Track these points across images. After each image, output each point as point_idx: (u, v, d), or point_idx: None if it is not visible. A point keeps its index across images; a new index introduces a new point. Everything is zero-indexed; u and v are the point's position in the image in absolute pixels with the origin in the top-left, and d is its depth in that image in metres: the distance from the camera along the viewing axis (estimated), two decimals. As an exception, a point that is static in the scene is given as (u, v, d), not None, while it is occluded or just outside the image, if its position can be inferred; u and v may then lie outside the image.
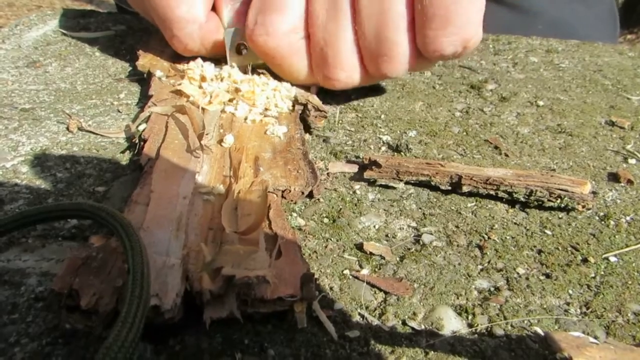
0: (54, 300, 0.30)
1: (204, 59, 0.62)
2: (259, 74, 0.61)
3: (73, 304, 0.29)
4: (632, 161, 0.53)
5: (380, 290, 0.35)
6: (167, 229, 0.36)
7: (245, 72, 0.61)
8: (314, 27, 0.53)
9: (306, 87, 0.60)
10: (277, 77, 0.61)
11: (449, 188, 0.46)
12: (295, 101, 0.57)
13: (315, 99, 0.57)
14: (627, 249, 0.41)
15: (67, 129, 0.52)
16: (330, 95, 0.61)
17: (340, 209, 0.43)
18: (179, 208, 0.39)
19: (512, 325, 0.33)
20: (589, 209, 0.45)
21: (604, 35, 1.00)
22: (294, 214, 0.42)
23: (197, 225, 0.37)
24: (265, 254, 0.34)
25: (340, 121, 0.57)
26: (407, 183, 0.47)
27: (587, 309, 0.35)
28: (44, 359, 0.29)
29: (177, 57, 0.63)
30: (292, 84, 0.60)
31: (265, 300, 0.31)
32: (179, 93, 0.57)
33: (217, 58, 0.63)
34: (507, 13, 0.95)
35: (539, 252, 0.40)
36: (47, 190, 0.43)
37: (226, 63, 0.61)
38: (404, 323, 0.33)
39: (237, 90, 0.56)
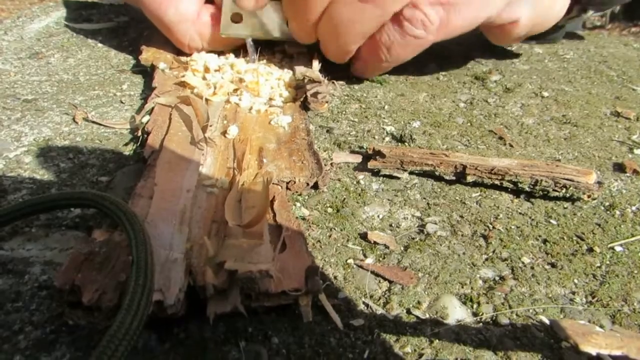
0: (57, 292, 0.30)
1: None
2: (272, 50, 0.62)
3: (75, 300, 0.29)
4: (637, 151, 0.53)
5: (385, 279, 0.35)
6: (171, 222, 0.36)
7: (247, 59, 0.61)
8: None
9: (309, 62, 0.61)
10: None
11: (454, 178, 0.46)
12: (297, 86, 0.57)
13: (313, 73, 0.57)
14: (632, 239, 0.41)
15: (74, 119, 0.52)
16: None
17: (344, 198, 0.43)
18: (183, 201, 0.38)
19: (517, 314, 0.33)
20: (594, 199, 0.44)
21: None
22: (298, 204, 0.42)
23: (200, 218, 0.37)
24: (269, 247, 0.34)
25: (344, 112, 0.57)
26: (411, 173, 0.46)
27: (593, 298, 0.35)
28: (48, 347, 0.29)
29: (180, 49, 0.63)
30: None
31: (269, 294, 0.31)
32: (182, 85, 0.56)
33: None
34: None
35: (544, 241, 0.40)
36: (51, 180, 0.43)
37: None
38: (408, 312, 0.33)
39: (241, 80, 0.56)
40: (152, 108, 0.51)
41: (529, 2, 0.57)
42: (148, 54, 0.63)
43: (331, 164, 0.48)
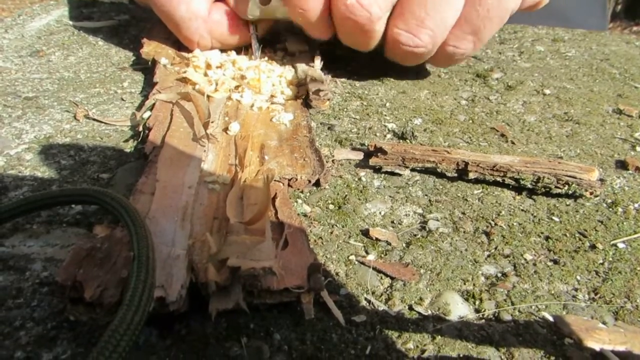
0: (58, 288, 0.30)
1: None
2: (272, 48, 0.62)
3: (77, 296, 0.29)
4: (640, 149, 0.53)
5: (387, 275, 0.35)
6: (173, 218, 0.36)
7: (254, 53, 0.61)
8: None
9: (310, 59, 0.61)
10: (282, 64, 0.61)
11: (455, 175, 0.45)
12: (299, 84, 0.57)
13: (315, 71, 0.57)
14: (635, 236, 0.40)
15: (74, 117, 0.52)
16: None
17: (346, 195, 0.43)
18: (185, 197, 0.38)
19: (519, 311, 0.33)
20: (596, 196, 0.44)
21: (593, 22, 1.00)
22: (299, 201, 0.42)
23: (202, 215, 0.37)
24: (271, 244, 0.33)
25: (345, 109, 0.57)
26: (412, 170, 0.46)
27: (596, 294, 0.35)
28: (49, 343, 0.29)
29: (182, 45, 0.63)
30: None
31: (271, 291, 0.31)
32: (184, 80, 0.56)
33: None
34: None
35: (547, 238, 0.40)
36: (52, 177, 0.43)
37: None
38: (410, 308, 0.33)
39: (242, 77, 0.56)
40: (153, 104, 0.51)
41: None
42: (149, 48, 0.63)
43: (333, 161, 0.48)
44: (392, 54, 0.59)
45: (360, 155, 0.48)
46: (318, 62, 0.60)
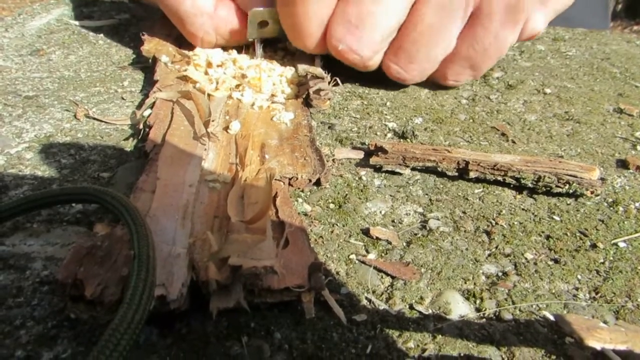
0: (59, 286, 0.30)
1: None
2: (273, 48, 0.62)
3: (78, 294, 0.29)
4: (640, 148, 0.53)
5: (387, 274, 0.35)
6: (173, 217, 0.36)
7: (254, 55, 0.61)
8: None
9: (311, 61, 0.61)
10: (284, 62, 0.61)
11: (456, 174, 0.45)
12: (299, 83, 0.57)
13: (316, 69, 0.57)
14: (636, 235, 0.40)
15: (75, 116, 0.52)
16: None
17: (346, 194, 0.43)
18: (185, 196, 0.38)
19: (520, 310, 0.33)
20: (597, 195, 0.44)
21: (595, 21, 1.00)
22: (300, 200, 0.42)
23: (202, 213, 0.37)
24: (272, 243, 0.33)
25: (346, 108, 0.57)
26: (413, 169, 0.46)
27: (597, 294, 0.35)
28: (49, 342, 0.29)
29: (183, 43, 0.63)
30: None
31: (272, 290, 0.31)
32: (184, 79, 0.56)
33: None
34: None
35: (548, 237, 0.40)
36: (52, 176, 0.43)
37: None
38: (411, 307, 0.33)
39: (243, 76, 0.56)
40: (154, 102, 0.51)
41: (541, 12, 0.57)
42: (150, 45, 0.63)
43: (333, 160, 0.48)
44: None
45: (360, 155, 0.48)
46: (318, 61, 0.60)
